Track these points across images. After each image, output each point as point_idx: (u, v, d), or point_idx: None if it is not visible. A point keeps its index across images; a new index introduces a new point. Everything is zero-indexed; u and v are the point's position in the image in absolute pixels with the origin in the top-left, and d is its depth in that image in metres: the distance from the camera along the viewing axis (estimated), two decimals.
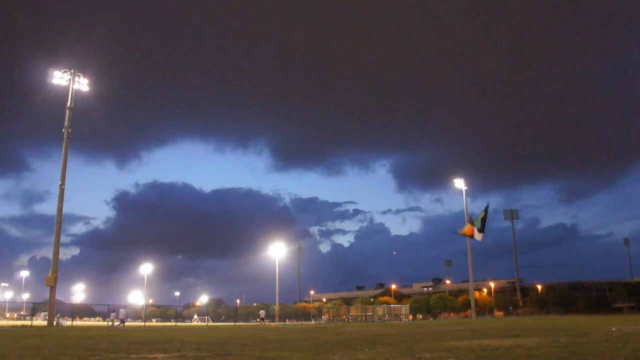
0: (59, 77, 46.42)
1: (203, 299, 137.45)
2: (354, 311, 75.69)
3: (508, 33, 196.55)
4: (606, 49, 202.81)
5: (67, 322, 55.63)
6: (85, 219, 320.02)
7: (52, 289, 41.99)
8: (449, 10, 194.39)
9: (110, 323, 43.27)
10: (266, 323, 53.66)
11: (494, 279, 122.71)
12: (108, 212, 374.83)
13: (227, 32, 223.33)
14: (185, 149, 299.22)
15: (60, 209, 43.79)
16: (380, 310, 75.92)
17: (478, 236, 28.75)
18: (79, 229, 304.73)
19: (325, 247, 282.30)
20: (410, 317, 76.20)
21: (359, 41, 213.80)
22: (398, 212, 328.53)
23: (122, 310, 45.90)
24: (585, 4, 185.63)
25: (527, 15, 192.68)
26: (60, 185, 43.93)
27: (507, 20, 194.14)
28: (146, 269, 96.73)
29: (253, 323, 69.45)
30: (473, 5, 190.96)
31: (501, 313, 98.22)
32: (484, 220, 28.74)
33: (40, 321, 58.97)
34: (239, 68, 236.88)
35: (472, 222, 29.35)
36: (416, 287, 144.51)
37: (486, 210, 29.44)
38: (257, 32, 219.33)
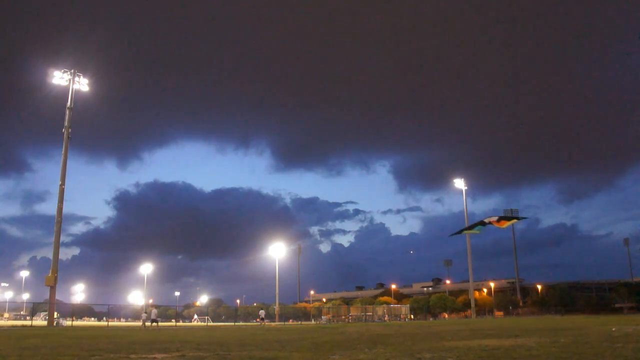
0: (59, 77, 46.46)
1: (203, 299, 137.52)
2: (354, 311, 75.67)
3: (508, 34, 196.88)
4: (606, 49, 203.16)
5: (67, 322, 55.63)
6: (85, 219, 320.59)
7: (52, 289, 42.03)
8: (450, 11, 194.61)
9: (143, 324, 43.48)
10: (266, 323, 53.63)
11: (494, 279, 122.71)
12: (108, 212, 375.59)
13: (229, 32, 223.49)
14: (186, 150, 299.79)
15: (60, 209, 43.83)
16: (380, 310, 75.88)
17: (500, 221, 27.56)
18: (79, 229, 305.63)
19: (325, 247, 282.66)
20: (411, 317, 76.21)
21: (360, 42, 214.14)
22: (398, 212, 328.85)
23: (154, 311, 46.24)
24: (585, 5, 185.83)
25: (528, 17, 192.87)
26: (60, 185, 43.96)
27: (507, 21, 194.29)
28: (146, 269, 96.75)
29: (253, 323, 69.42)
30: (473, 6, 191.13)
31: (501, 313, 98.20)
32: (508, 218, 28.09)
33: (40, 321, 58.96)
34: (240, 69, 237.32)
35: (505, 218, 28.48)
36: (416, 287, 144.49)
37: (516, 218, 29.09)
38: (258, 33, 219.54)
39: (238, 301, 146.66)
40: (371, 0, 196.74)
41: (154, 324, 42.69)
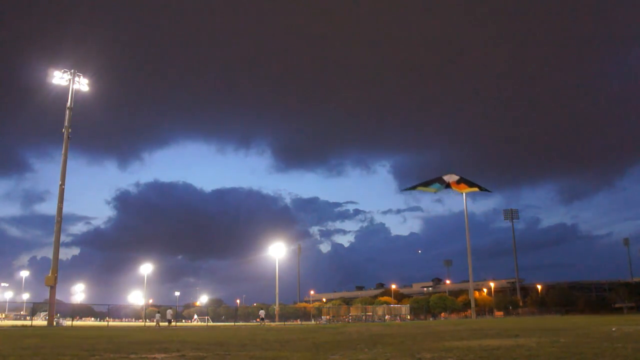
0: (59, 77, 46.43)
1: (203, 299, 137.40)
2: (354, 311, 75.69)
3: (507, 34, 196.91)
4: (606, 49, 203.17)
5: (67, 322, 55.64)
6: (85, 219, 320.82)
7: (52, 289, 41.99)
8: (449, 11, 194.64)
9: (156, 323, 43.69)
10: (266, 323, 53.65)
11: (494, 279, 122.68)
12: (109, 212, 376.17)
13: (229, 32, 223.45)
14: (187, 150, 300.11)
15: (60, 209, 43.80)
16: (380, 310, 75.90)
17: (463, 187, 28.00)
18: (79, 229, 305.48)
19: (325, 247, 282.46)
20: (409, 317, 76.19)
21: (360, 42, 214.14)
22: (398, 212, 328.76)
23: (169, 311, 46.68)
24: (585, 4, 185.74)
25: (527, 16, 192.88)
26: (60, 185, 43.93)
27: (506, 21, 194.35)
28: (146, 269, 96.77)
29: (253, 323, 69.42)
30: (472, 6, 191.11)
31: (501, 313, 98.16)
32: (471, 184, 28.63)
33: (40, 321, 58.97)
34: (240, 69, 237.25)
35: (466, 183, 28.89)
36: (416, 287, 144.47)
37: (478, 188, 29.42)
38: (258, 33, 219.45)
39: (238, 301, 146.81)
40: (372, 1, 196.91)
41: (169, 323, 43.00)
